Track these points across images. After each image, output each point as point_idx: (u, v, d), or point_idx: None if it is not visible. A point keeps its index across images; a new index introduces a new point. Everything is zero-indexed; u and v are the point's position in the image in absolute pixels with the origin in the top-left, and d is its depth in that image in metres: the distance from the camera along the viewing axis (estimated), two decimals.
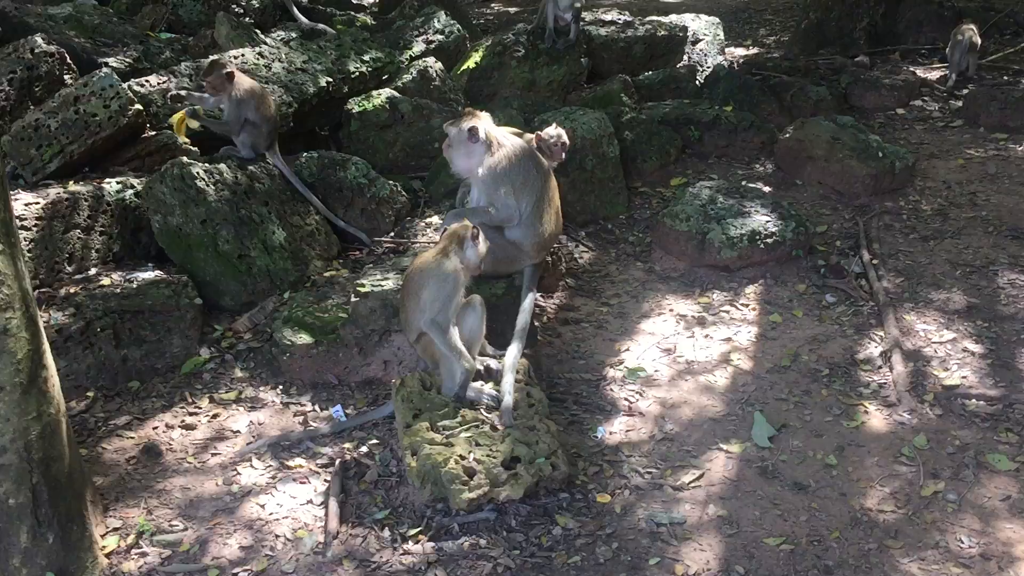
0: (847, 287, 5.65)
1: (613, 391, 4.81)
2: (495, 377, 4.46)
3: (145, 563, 3.73)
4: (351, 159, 6.24)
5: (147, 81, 6.44)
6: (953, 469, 4.17)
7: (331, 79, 7.11)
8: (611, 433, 4.48)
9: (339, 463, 4.23)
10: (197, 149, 6.11)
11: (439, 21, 8.76)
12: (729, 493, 4.06)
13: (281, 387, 4.86)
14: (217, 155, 5.91)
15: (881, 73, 8.90)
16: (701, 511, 3.96)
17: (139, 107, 5.89)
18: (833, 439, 4.39)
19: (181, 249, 5.45)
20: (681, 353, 5.12)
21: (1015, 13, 10.77)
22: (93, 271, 5.38)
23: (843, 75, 8.83)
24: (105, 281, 5.22)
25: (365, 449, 4.36)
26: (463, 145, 4.87)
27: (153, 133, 6.11)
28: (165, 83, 6.44)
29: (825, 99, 8.14)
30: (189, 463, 4.34)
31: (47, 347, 3.56)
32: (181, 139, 5.93)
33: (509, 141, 4.97)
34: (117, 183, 5.65)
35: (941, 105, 8.57)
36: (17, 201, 5.17)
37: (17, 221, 4.53)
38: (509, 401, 4.22)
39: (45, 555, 3.48)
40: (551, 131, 5.19)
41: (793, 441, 4.38)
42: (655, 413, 4.63)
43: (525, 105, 7.33)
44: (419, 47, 8.43)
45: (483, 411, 4.27)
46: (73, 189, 5.45)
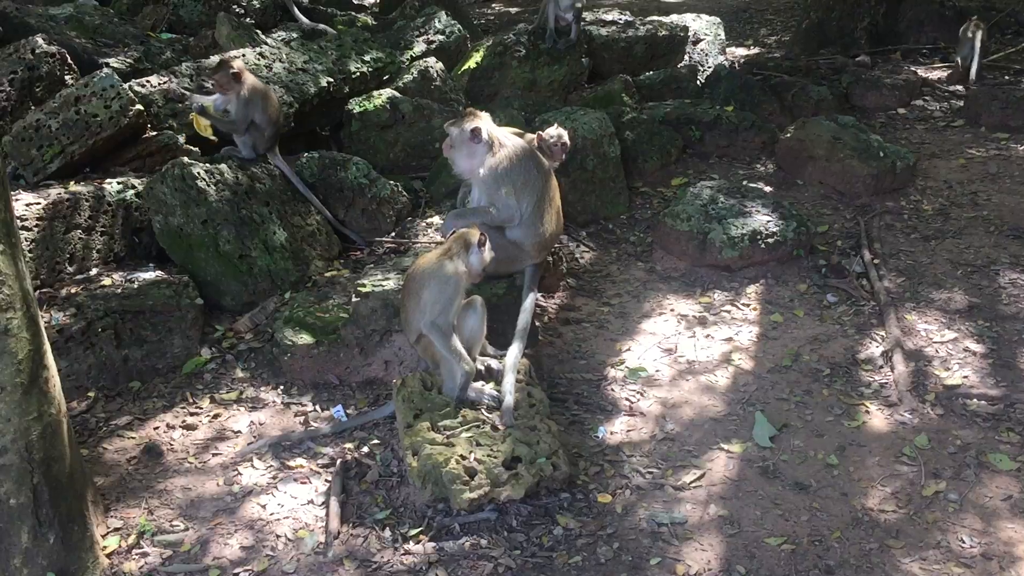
0: (848, 287, 5.65)
1: (614, 391, 4.80)
2: (496, 377, 4.45)
3: (146, 563, 3.73)
4: (352, 159, 6.24)
5: (148, 81, 6.44)
6: (954, 469, 4.16)
7: (332, 79, 7.12)
8: (612, 433, 4.48)
9: (340, 463, 4.23)
10: (198, 149, 6.12)
11: (440, 21, 8.76)
12: (730, 493, 4.05)
13: (282, 387, 4.86)
14: (218, 155, 5.92)
15: (882, 73, 8.90)
16: (702, 511, 3.95)
17: (140, 107, 5.89)
18: (834, 439, 4.39)
19: (182, 249, 5.45)
20: (682, 353, 5.12)
21: (1016, 13, 10.76)
22: (94, 271, 5.38)
23: (844, 75, 8.83)
24: (106, 281, 5.22)
25: (366, 449, 4.36)
26: (464, 145, 4.87)
27: (154, 133, 6.11)
28: (166, 83, 6.44)
29: (826, 99, 8.14)
30: (190, 463, 4.34)
31: (48, 347, 3.56)
32: (206, 135, 5.90)
33: (510, 141, 4.97)
34: (118, 183, 5.65)
35: (942, 105, 8.57)
36: (18, 201, 5.18)
37: (18, 221, 4.54)
38: (510, 401, 4.22)
39: (46, 555, 3.48)
40: (552, 131, 5.19)
41: (794, 441, 4.38)
42: (656, 413, 4.62)
43: (526, 105, 7.33)
44: (420, 47, 8.43)
45: (484, 411, 4.26)
46: (74, 189, 5.45)
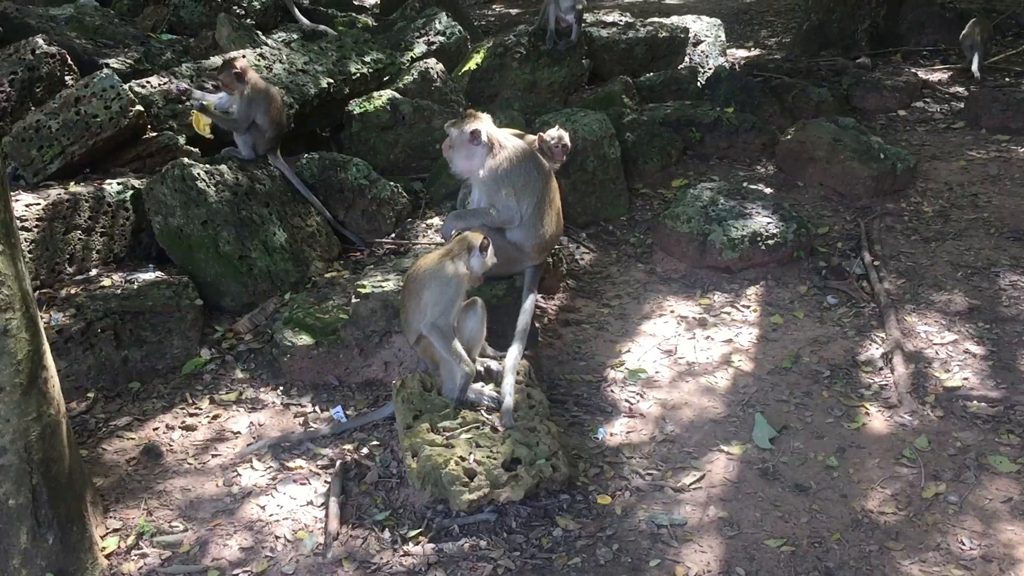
0: (848, 288, 5.65)
1: (614, 392, 4.80)
2: (496, 378, 4.45)
3: (145, 564, 3.73)
4: (352, 160, 6.24)
5: (148, 82, 6.44)
6: (954, 471, 4.16)
7: (332, 80, 7.12)
8: (612, 434, 4.48)
9: (339, 464, 4.23)
10: (198, 150, 6.12)
11: (440, 22, 8.76)
12: (730, 495, 4.05)
13: (281, 388, 4.86)
14: (218, 156, 5.92)
15: (882, 75, 8.89)
16: (702, 512, 3.95)
17: (140, 108, 5.89)
18: (834, 441, 4.39)
19: (182, 250, 5.45)
20: (682, 354, 5.11)
21: (1017, 15, 10.75)
22: (94, 272, 5.38)
23: (844, 77, 8.82)
24: (106, 282, 5.22)
25: (365, 450, 4.36)
26: (464, 146, 4.86)
27: (154, 134, 6.12)
28: (166, 84, 6.45)
29: (826, 101, 8.13)
30: (189, 464, 4.33)
31: (47, 348, 3.56)
32: (204, 134, 5.89)
33: (510, 142, 4.97)
34: (118, 184, 5.65)
35: (943, 107, 8.56)
36: (18, 202, 5.18)
37: (18, 222, 4.54)
38: (510, 402, 4.22)
39: (45, 556, 3.48)
40: (552, 133, 5.19)
41: (794, 443, 4.38)
42: (656, 414, 4.62)
43: (526, 106, 7.33)
44: (420, 48, 8.44)
45: (484, 412, 4.26)
46: (74, 190, 5.45)
